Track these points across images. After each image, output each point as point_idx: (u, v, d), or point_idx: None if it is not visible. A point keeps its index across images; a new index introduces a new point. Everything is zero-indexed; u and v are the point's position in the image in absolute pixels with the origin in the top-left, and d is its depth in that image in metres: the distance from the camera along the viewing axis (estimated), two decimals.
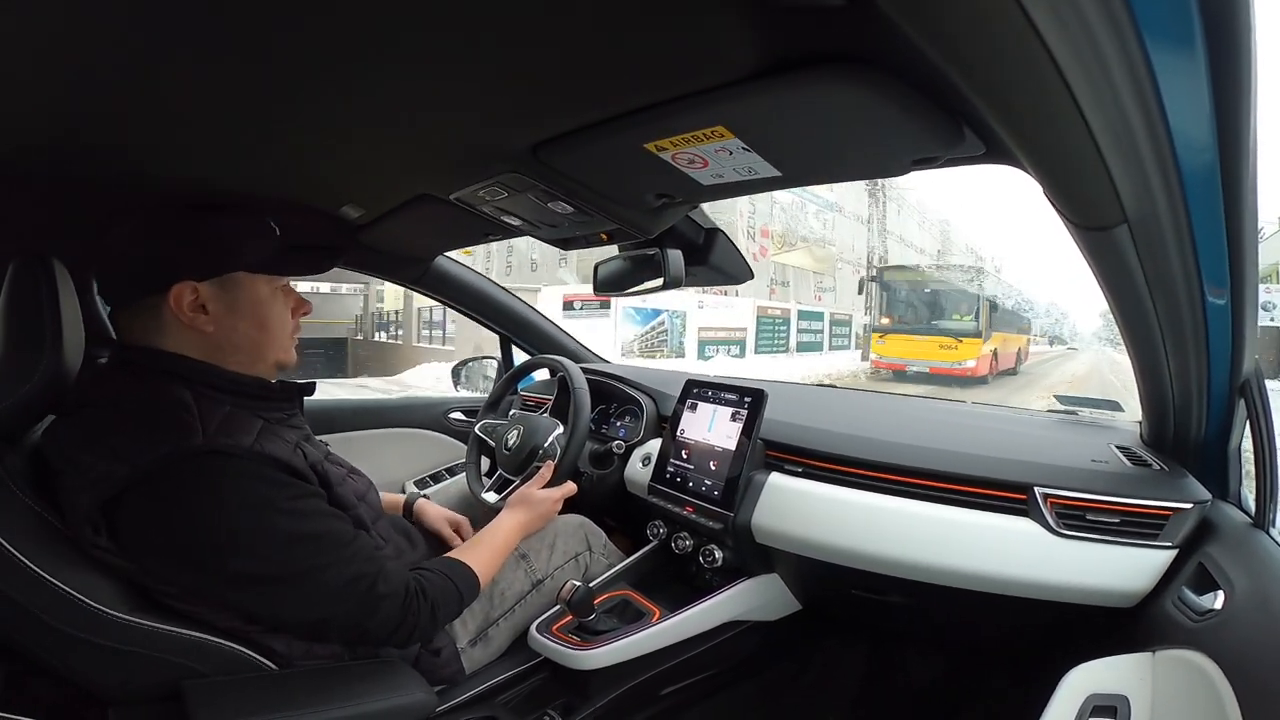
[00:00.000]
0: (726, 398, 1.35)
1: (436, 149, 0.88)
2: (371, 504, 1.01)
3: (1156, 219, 0.63)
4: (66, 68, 0.61)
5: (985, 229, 68.69)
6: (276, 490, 0.81)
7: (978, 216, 77.99)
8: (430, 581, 0.93)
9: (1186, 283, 0.72)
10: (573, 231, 1.14)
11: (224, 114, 0.74)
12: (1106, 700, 0.76)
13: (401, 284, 1.73)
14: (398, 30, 0.56)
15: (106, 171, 0.90)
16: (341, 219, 1.22)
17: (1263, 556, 0.83)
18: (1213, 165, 0.56)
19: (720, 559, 1.27)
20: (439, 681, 1.00)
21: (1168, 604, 0.88)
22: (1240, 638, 0.72)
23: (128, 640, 0.76)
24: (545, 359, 1.62)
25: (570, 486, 1.29)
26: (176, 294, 0.83)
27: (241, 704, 0.80)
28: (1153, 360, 0.91)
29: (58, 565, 0.74)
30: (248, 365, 0.89)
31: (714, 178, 0.84)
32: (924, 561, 1.05)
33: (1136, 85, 0.46)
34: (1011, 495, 1.04)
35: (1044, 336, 25.33)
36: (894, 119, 0.64)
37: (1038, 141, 0.57)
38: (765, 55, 0.59)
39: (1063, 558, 0.97)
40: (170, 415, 0.78)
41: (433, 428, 1.94)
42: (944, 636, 1.47)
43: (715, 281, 1.32)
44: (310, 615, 0.85)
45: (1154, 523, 0.95)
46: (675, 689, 1.25)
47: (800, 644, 1.52)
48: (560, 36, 0.58)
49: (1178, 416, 1.01)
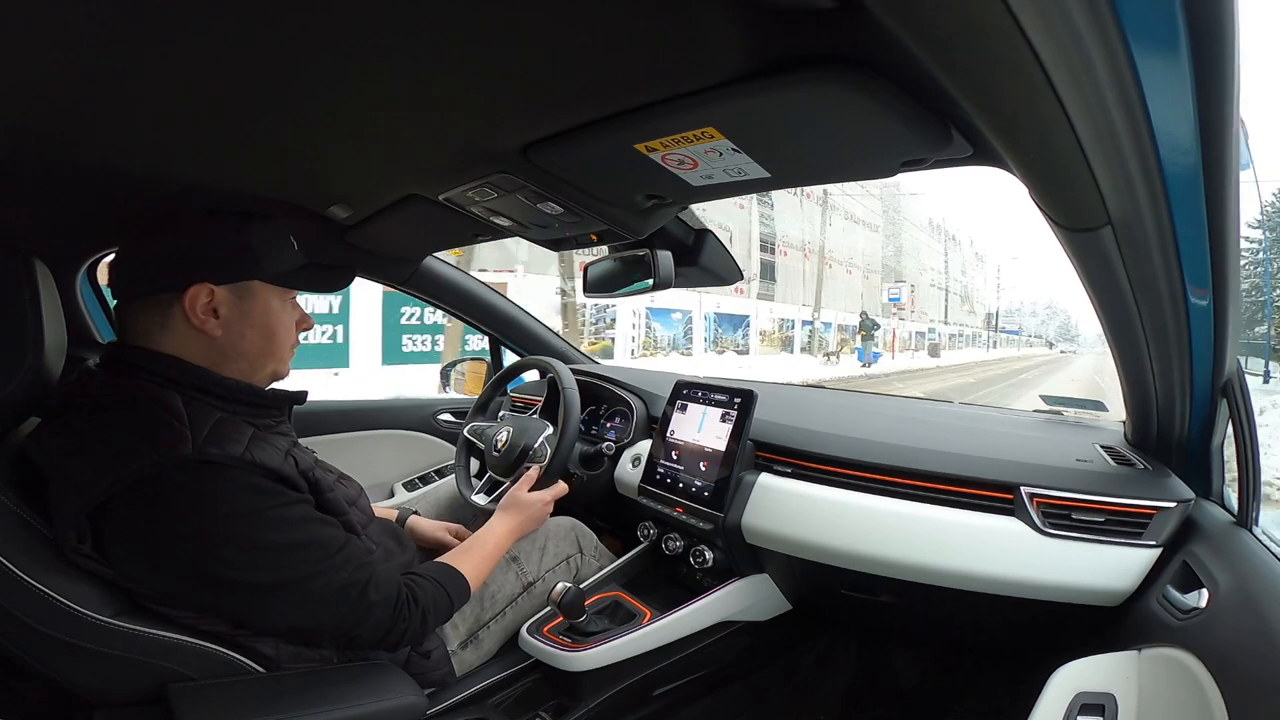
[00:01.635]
0: (716, 399, 1.35)
1: (426, 149, 0.87)
2: (362, 509, 1.01)
3: (1140, 220, 0.63)
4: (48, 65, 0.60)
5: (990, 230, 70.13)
6: (265, 499, 0.80)
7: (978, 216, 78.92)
8: (422, 587, 0.93)
9: (1169, 283, 0.73)
10: (563, 232, 1.14)
11: (209, 113, 0.73)
12: (1094, 698, 0.77)
13: (389, 284, 1.72)
14: (386, 29, 0.56)
15: (90, 170, 0.89)
16: (329, 219, 1.21)
17: (1246, 554, 0.84)
18: (1196, 167, 0.57)
19: (711, 560, 1.27)
20: (429, 684, 0.99)
21: (1153, 602, 0.89)
22: (1225, 635, 0.73)
23: (112, 644, 0.75)
24: (534, 360, 1.62)
25: (561, 487, 1.29)
26: (193, 294, 0.83)
27: (228, 707, 0.79)
28: (1136, 360, 0.92)
29: (41, 569, 0.73)
30: (246, 373, 0.89)
31: (704, 179, 0.84)
32: (912, 561, 1.05)
33: (1121, 88, 0.46)
34: (998, 495, 1.04)
35: (1039, 338, 25.58)
36: (882, 121, 0.64)
37: (1023, 143, 0.58)
38: (755, 57, 0.59)
39: (1049, 557, 0.98)
40: (160, 422, 0.77)
41: (422, 429, 1.94)
42: (933, 635, 1.48)
43: (705, 283, 1.32)
44: (301, 622, 0.84)
45: (1138, 522, 0.96)
46: (666, 690, 1.25)
47: (791, 644, 1.52)
48: (550, 37, 0.57)
49: (1161, 416, 1.02)
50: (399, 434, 1.90)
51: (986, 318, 50.17)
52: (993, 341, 48.25)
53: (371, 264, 1.53)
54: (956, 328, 40.87)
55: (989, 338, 47.69)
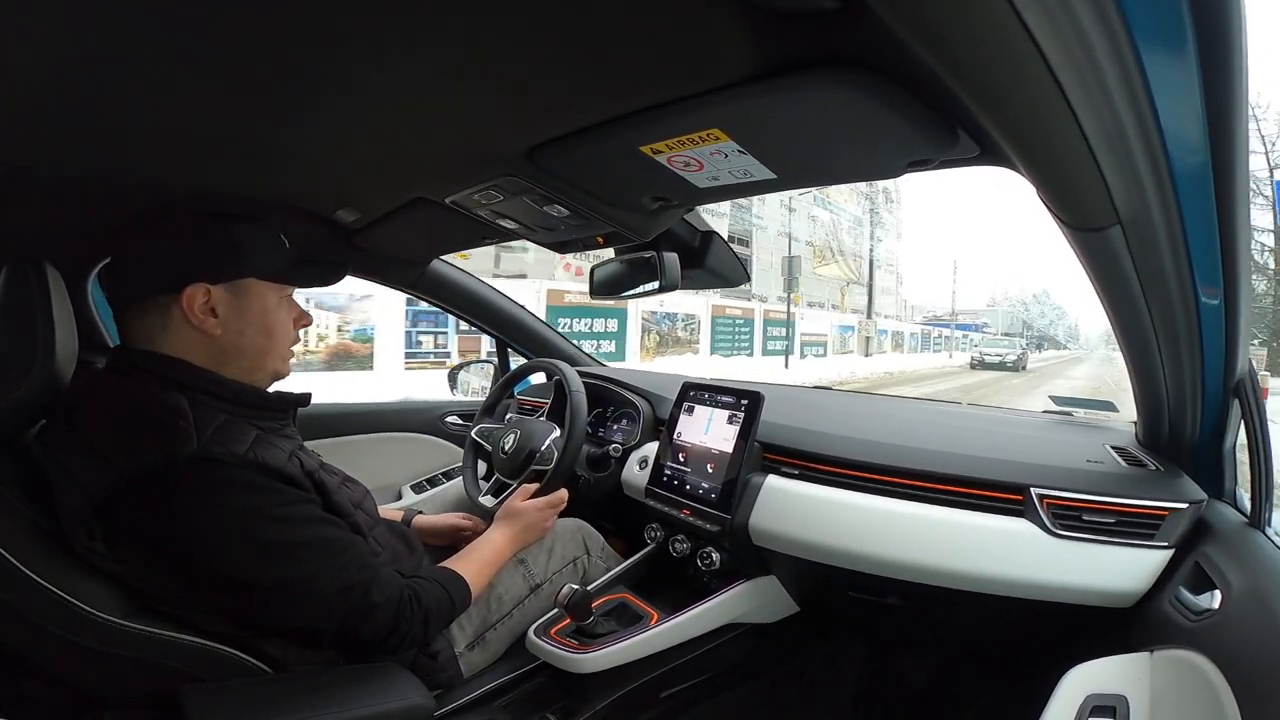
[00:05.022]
0: (723, 400, 1.34)
1: (432, 152, 0.88)
2: (368, 510, 1.01)
3: (1149, 220, 0.63)
4: (59, 68, 0.61)
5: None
6: (268, 497, 0.81)
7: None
8: (425, 590, 0.93)
9: (1180, 283, 0.72)
10: (569, 234, 1.14)
11: (218, 118, 0.73)
12: (1105, 700, 0.76)
13: (397, 287, 1.72)
14: (393, 34, 0.56)
15: (100, 175, 0.90)
16: (336, 223, 1.22)
17: (1259, 555, 0.83)
18: (1205, 165, 0.56)
19: (718, 561, 1.27)
20: (436, 685, 0.99)
21: (1165, 604, 0.88)
22: (1237, 637, 0.72)
23: (121, 644, 0.76)
24: (541, 363, 1.62)
25: (560, 495, 1.28)
26: (189, 295, 0.83)
27: (239, 708, 0.80)
28: (1147, 360, 0.92)
29: (50, 569, 0.74)
30: (247, 373, 0.90)
31: (710, 180, 0.84)
32: (921, 563, 1.05)
33: (1129, 86, 0.46)
34: (1008, 496, 1.04)
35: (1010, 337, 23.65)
36: (888, 121, 0.64)
37: (1031, 143, 0.57)
38: (760, 58, 0.59)
39: (1059, 558, 0.97)
40: (165, 421, 0.78)
41: (429, 432, 1.94)
42: (941, 638, 1.47)
43: (711, 284, 1.32)
44: (302, 621, 0.85)
45: (1150, 523, 0.95)
46: (673, 692, 1.25)
47: (798, 646, 1.52)
48: (555, 39, 0.58)
49: (1172, 417, 1.02)
50: (406, 436, 1.90)
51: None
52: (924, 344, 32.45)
53: (378, 267, 1.54)
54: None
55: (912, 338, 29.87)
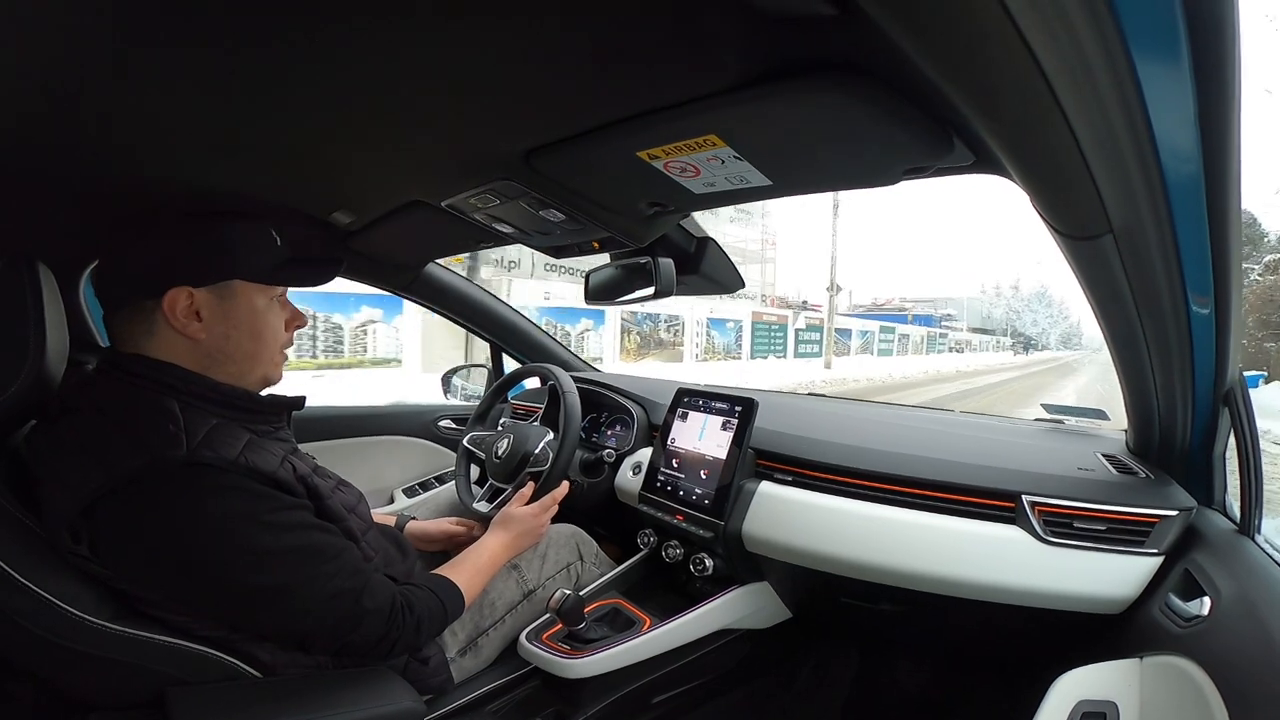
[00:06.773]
0: (717, 407, 1.35)
1: (429, 155, 0.88)
2: (361, 515, 1.00)
3: (1141, 228, 0.64)
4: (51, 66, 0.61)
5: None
6: (259, 503, 0.80)
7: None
8: (417, 597, 0.93)
9: (1171, 292, 0.73)
10: (565, 239, 1.14)
11: (215, 118, 0.73)
12: (1096, 706, 0.76)
13: (391, 290, 1.72)
14: (390, 37, 0.56)
15: (94, 174, 0.90)
16: (332, 225, 1.21)
17: (1248, 563, 0.84)
18: (1197, 174, 0.57)
19: (711, 567, 1.27)
20: (428, 690, 0.99)
21: (1155, 610, 0.88)
22: (1227, 643, 0.72)
23: (108, 647, 0.75)
24: (535, 367, 1.62)
25: (559, 490, 1.29)
26: (171, 299, 0.82)
27: (226, 711, 0.79)
28: (1138, 368, 0.92)
29: (37, 571, 0.73)
30: (237, 377, 0.88)
31: (706, 186, 0.84)
32: (913, 569, 1.05)
33: (1123, 94, 0.47)
34: (1000, 503, 1.04)
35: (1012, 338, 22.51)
36: (884, 128, 0.65)
37: (1025, 151, 0.58)
38: (756, 64, 0.60)
39: (1050, 565, 0.98)
40: (155, 424, 0.77)
41: (423, 435, 1.94)
42: (933, 644, 1.48)
43: (706, 291, 1.33)
44: (293, 627, 0.84)
45: (1140, 530, 0.96)
46: (666, 697, 1.24)
47: (791, 652, 1.52)
48: (552, 44, 0.58)
49: (1163, 424, 1.02)
50: (400, 440, 1.89)
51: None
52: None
53: (373, 270, 1.54)
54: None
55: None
